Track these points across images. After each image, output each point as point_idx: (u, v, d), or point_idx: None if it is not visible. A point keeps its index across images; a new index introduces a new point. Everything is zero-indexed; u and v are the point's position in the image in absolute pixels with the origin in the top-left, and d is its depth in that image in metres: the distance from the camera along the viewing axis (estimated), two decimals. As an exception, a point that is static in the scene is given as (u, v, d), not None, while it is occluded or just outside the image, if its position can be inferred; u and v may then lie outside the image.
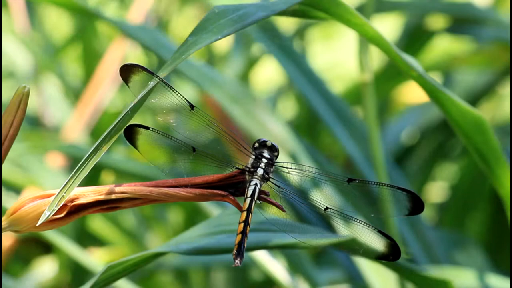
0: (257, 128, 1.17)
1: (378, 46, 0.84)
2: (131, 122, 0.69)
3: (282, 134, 1.18)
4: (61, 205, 0.67)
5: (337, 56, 2.29)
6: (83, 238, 1.59)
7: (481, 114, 0.87)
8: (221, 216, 0.82)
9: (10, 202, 1.42)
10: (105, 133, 0.66)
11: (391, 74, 1.66)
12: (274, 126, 1.18)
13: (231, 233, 0.79)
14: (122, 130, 0.68)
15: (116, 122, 0.67)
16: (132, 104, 0.67)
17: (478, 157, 0.89)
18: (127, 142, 0.73)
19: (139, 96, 0.67)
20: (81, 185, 0.68)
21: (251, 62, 1.76)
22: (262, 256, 1.11)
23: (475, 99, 1.65)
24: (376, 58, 1.76)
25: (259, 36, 1.23)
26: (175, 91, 0.73)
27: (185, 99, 0.73)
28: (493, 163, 0.89)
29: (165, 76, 0.69)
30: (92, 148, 0.67)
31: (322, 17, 0.80)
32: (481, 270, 1.19)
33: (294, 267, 1.17)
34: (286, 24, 2.02)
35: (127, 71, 0.71)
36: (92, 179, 1.54)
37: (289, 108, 2.03)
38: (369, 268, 1.07)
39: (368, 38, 0.82)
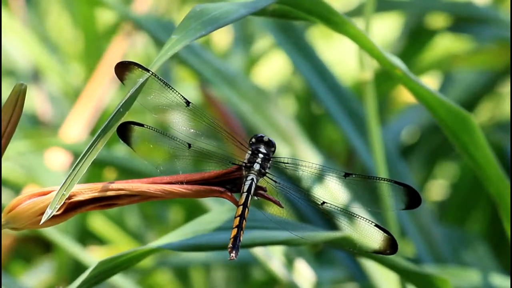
0: (265, 123, 1.17)
1: (360, 45, 0.83)
2: (125, 119, 0.69)
3: (291, 129, 1.18)
4: (62, 202, 0.68)
5: (337, 55, 2.29)
6: (84, 237, 1.59)
7: (467, 113, 0.87)
8: (215, 213, 0.82)
9: (10, 200, 1.42)
10: (99, 131, 0.66)
11: (391, 73, 1.66)
12: (283, 121, 1.18)
13: (227, 230, 0.79)
14: (115, 128, 0.67)
15: (108, 119, 0.67)
16: (124, 101, 0.67)
17: (466, 155, 0.89)
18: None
19: (130, 93, 0.67)
20: (81, 182, 0.69)
21: (251, 60, 1.76)
22: (262, 255, 1.11)
23: (475, 98, 1.64)
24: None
25: (268, 26, 1.23)
26: (170, 87, 0.73)
27: (181, 95, 0.73)
28: (482, 161, 0.89)
29: (170, 75, 0.70)
30: (88, 146, 0.67)
31: (302, 16, 0.80)
32: (486, 268, 1.19)
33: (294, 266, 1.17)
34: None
35: (122, 68, 0.70)
36: (94, 177, 1.54)
37: (289, 107, 2.03)
38: (371, 266, 1.07)
39: (350, 37, 0.82)
